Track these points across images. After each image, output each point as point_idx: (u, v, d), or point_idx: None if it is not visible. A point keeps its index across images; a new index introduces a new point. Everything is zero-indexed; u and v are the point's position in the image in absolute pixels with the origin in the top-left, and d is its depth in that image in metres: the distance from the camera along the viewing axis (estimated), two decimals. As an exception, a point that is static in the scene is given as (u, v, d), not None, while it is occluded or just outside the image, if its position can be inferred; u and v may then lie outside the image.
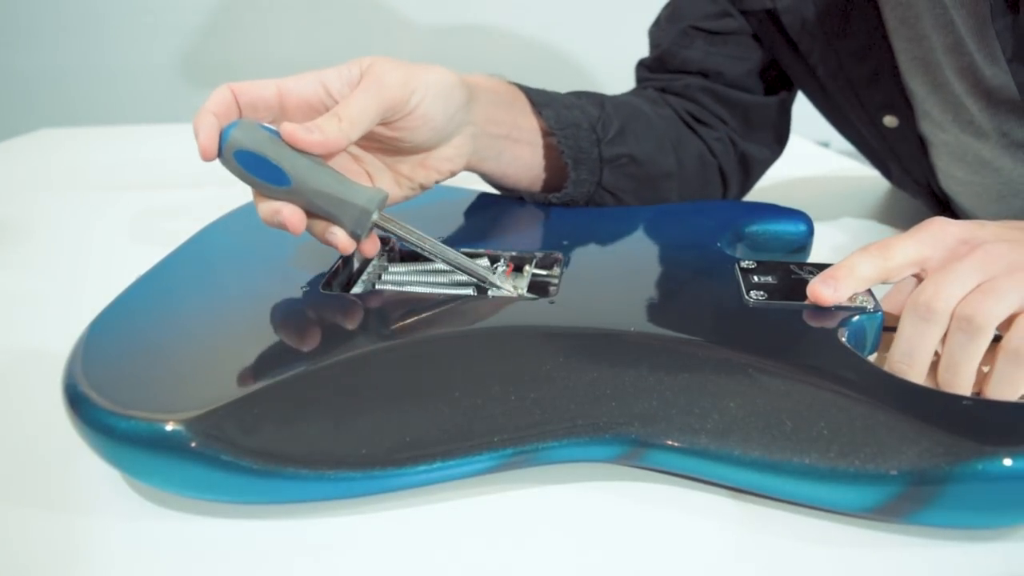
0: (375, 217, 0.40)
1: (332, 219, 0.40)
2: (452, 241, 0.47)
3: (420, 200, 0.49)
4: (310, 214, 0.40)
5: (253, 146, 0.39)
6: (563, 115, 0.54)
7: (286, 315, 0.39)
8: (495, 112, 0.50)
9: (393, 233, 0.41)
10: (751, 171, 0.66)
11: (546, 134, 0.54)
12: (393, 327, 0.38)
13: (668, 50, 0.64)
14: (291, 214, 0.39)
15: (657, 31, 0.66)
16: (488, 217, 0.53)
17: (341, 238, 0.40)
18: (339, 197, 0.39)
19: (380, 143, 0.45)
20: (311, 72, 0.42)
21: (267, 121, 0.41)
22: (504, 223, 0.52)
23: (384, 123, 0.43)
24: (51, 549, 0.31)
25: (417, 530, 0.32)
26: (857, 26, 0.57)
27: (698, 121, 0.63)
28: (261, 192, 0.40)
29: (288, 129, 0.39)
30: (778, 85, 0.64)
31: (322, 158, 0.40)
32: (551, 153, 0.55)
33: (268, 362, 0.35)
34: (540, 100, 0.54)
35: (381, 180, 0.46)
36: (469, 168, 0.51)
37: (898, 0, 0.55)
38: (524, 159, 0.54)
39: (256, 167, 0.39)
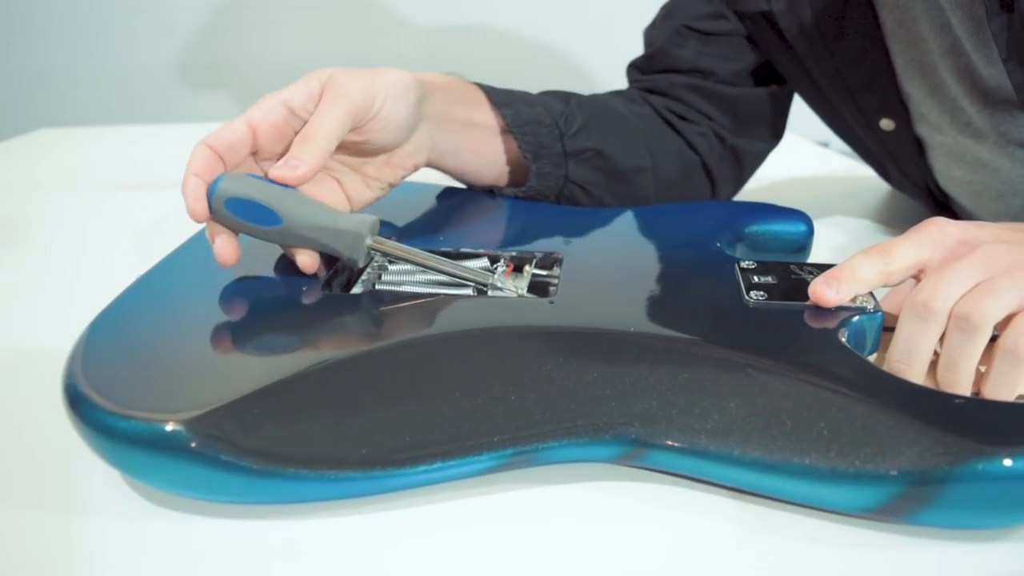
0: (369, 242, 0.41)
1: (327, 250, 0.41)
2: (452, 241, 0.47)
3: (420, 202, 0.49)
4: (304, 247, 0.42)
5: (241, 192, 0.40)
6: (523, 112, 0.55)
7: (286, 315, 0.39)
8: (449, 109, 0.51)
9: (389, 255, 0.42)
10: (744, 164, 0.66)
11: (505, 131, 0.55)
12: (393, 327, 0.38)
13: (661, 48, 0.64)
14: (221, 246, 0.41)
15: (652, 31, 0.66)
16: (488, 217, 0.53)
17: (303, 259, 0.42)
18: (331, 228, 0.41)
19: (346, 148, 0.46)
20: (272, 96, 0.43)
21: (244, 154, 0.42)
22: (504, 223, 0.52)
23: (352, 129, 0.44)
24: (50, 549, 0.31)
25: (417, 530, 0.32)
26: (854, 29, 0.57)
27: (679, 117, 0.63)
28: (255, 235, 0.41)
29: (276, 174, 0.40)
30: (771, 82, 0.64)
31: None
32: (512, 148, 0.55)
33: (268, 362, 0.35)
34: (499, 99, 0.55)
35: (350, 183, 0.47)
36: (431, 164, 0.52)
37: (895, 3, 0.55)
38: (484, 155, 0.54)
39: (247, 212, 0.40)
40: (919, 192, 0.66)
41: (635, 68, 0.67)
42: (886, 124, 0.61)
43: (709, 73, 0.62)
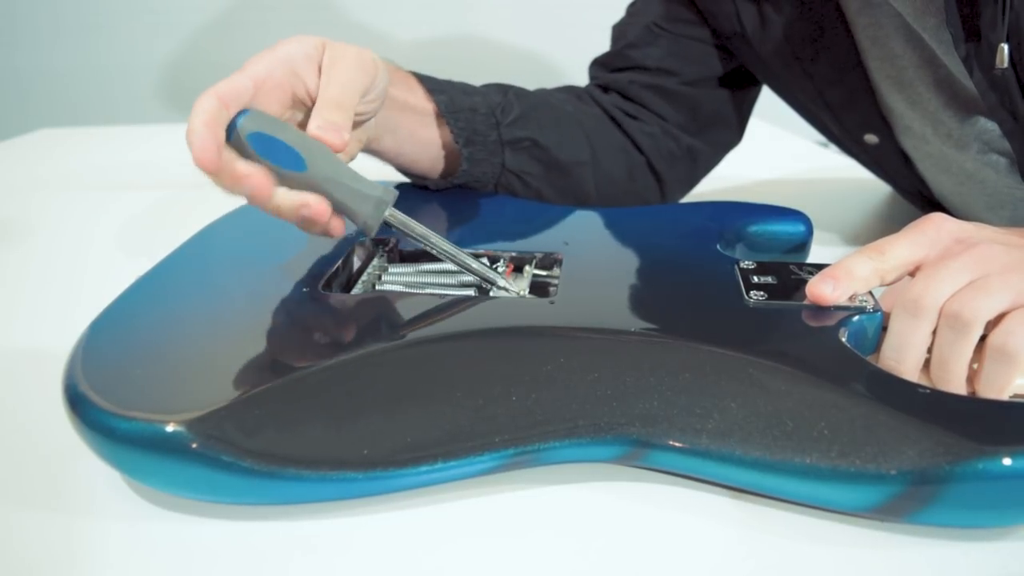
0: (387, 213, 0.40)
1: (344, 210, 0.40)
2: (452, 241, 0.47)
3: (420, 202, 0.49)
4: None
5: (269, 129, 0.38)
6: (458, 100, 0.55)
7: (286, 316, 0.39)
8: (391, 91, 0.50)
9: (402, 229, 0.41)
10: (699, 163, 0.66)
11: (440, 118, 0.55)
12: (393, 328, 0.38)
13: (631, 43, 0.64)
14: (318, 203, 0.39)
15: (621, 26, 0.66)
16: (488, 217, 0.53)
17: (335, 224, 0.40)
18: (355, 188, 0.39)
19: None
20: (269, 54, 0.41)
21: (239, 108, 0.40)
22: (504, 223, 0.52)
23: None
24: (50, 549, 0.31)
25: (418, 530, 0.32)
26: (829, 50, 0.57)
27: (628, 116, 0.63)
28: (273, 179, 0.39)
29: (324, 136, 0.39)
30: (736, 86, 0.64)
31: None
32: (447, 134, 0.55)
33: (269, 363, 0.35)
34: (434, 87, 0.55)
35: None
36: (368, 146, 0.51)
37: (868, 21, 0.55)
38: (421, 139, 0.54)
39: (270, 151, 0.38)
40: (913, 198, 0.67)
41: (598, 64, 0.67)
42: (870, 139, 0.61)
43: (674, 74, 0.62)
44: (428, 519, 0.33)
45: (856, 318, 0.37)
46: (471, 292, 0.43)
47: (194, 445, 0.30)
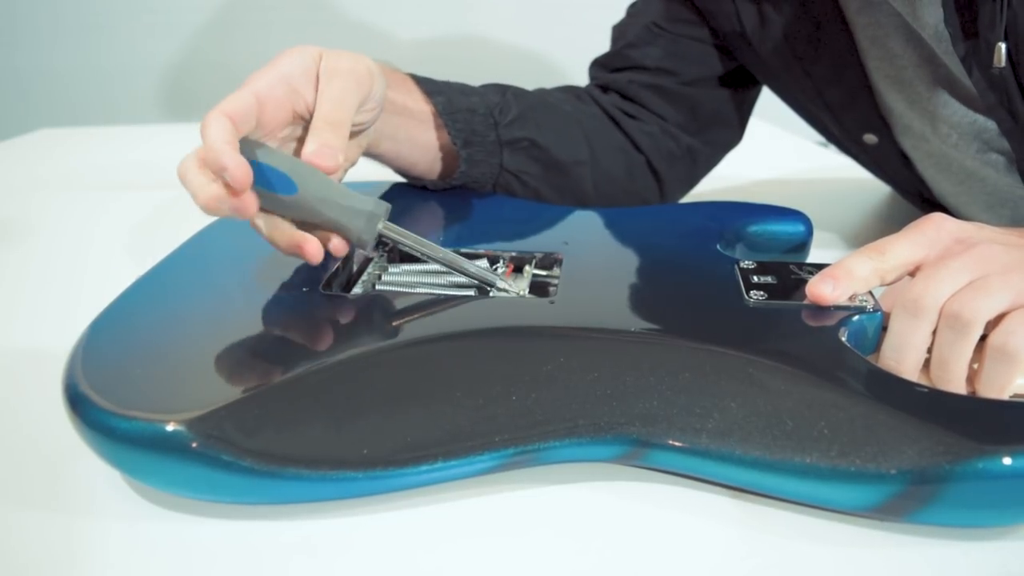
0: (380, 226, 0.40)
1: (337, 228, 0.40)
2: (452, 242, 0.47)
3: (419, 202, 0.49)
4: (311, 225, 0.41)
5: (259, 157, 0.39)
6: (456, 101, 0.55)
7: (286, 316, 0.39)
8: (389, 94, 0.50)
9: (398, 242, 0.41)
10: (699, 163, 0.66)
11: (438, 120, 0.55)
12: (393, 328, 0.38)
13: (630, 43, 0.64)
14: (310, 245, 0.40)
15: (620, 27, 0.66)
16: (488, 217, 0.53)
17: (336, 244, 0.41)
18: (346, 206, 0.40)
19: None
20: (269, 71, 0.42)
21: (252, 127, 0.41)
22: (504, 223, 0.52)
23: None
24: (50, 549, 0.31)
25: (418, 530, 0.32)
26: (828, 49, 0.57)
27: (627, 116, 0.63)
28: (265, 205, 0.40)
29: (317, 162, 0.40)
30: (736, 85, 0.64)
31: None
32: (445, 136, 0.55)
33: (269, 363, 0.35)
34: (432, 88, 0.55)
35: None
36: (367, 149, 0.51)
37: (867, 21, 0.55)
38: (419, 142, 0.54)
39: (261, 178, 0.39)
40: (913, 198, 0.67)
41: (598, 64, 0.67)
42: (869, 139, 0.61)
43: (673, 74, 0.62)
44: (428, 519, 0.33)
45: (856, 318, 0.37)
46: (471, 292, 0.43)
47: (194, 445, 0.30)
